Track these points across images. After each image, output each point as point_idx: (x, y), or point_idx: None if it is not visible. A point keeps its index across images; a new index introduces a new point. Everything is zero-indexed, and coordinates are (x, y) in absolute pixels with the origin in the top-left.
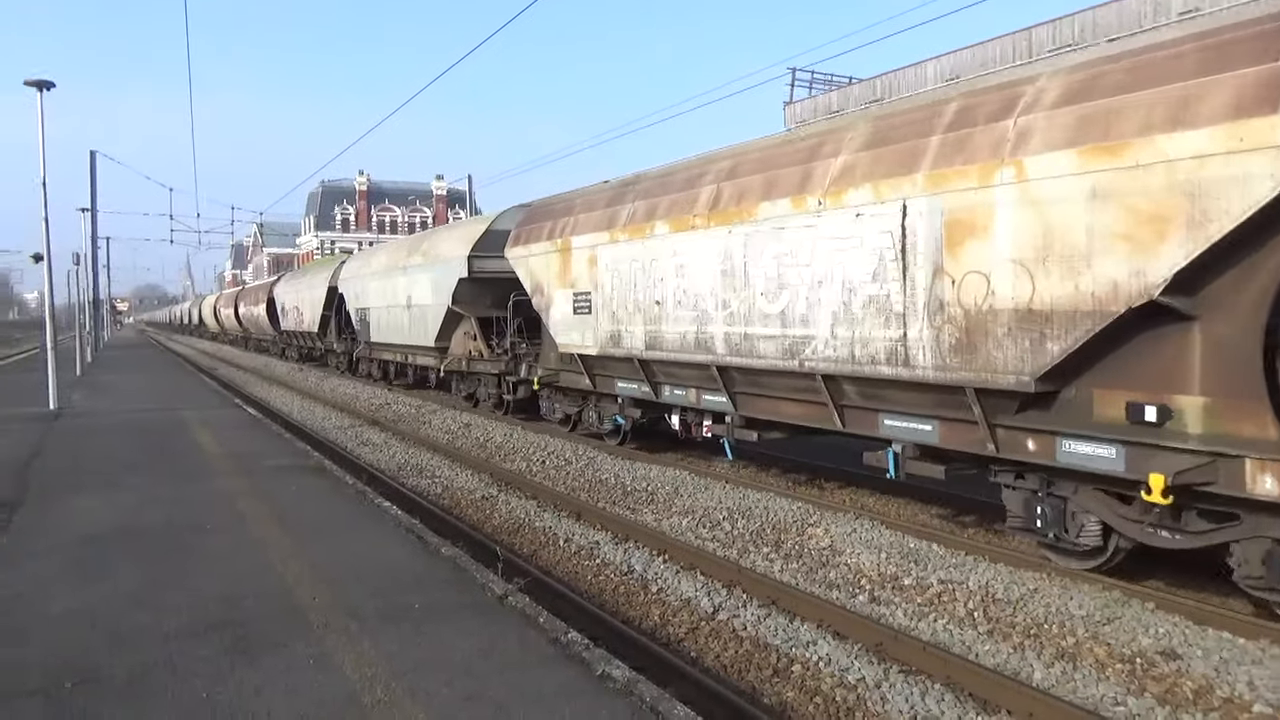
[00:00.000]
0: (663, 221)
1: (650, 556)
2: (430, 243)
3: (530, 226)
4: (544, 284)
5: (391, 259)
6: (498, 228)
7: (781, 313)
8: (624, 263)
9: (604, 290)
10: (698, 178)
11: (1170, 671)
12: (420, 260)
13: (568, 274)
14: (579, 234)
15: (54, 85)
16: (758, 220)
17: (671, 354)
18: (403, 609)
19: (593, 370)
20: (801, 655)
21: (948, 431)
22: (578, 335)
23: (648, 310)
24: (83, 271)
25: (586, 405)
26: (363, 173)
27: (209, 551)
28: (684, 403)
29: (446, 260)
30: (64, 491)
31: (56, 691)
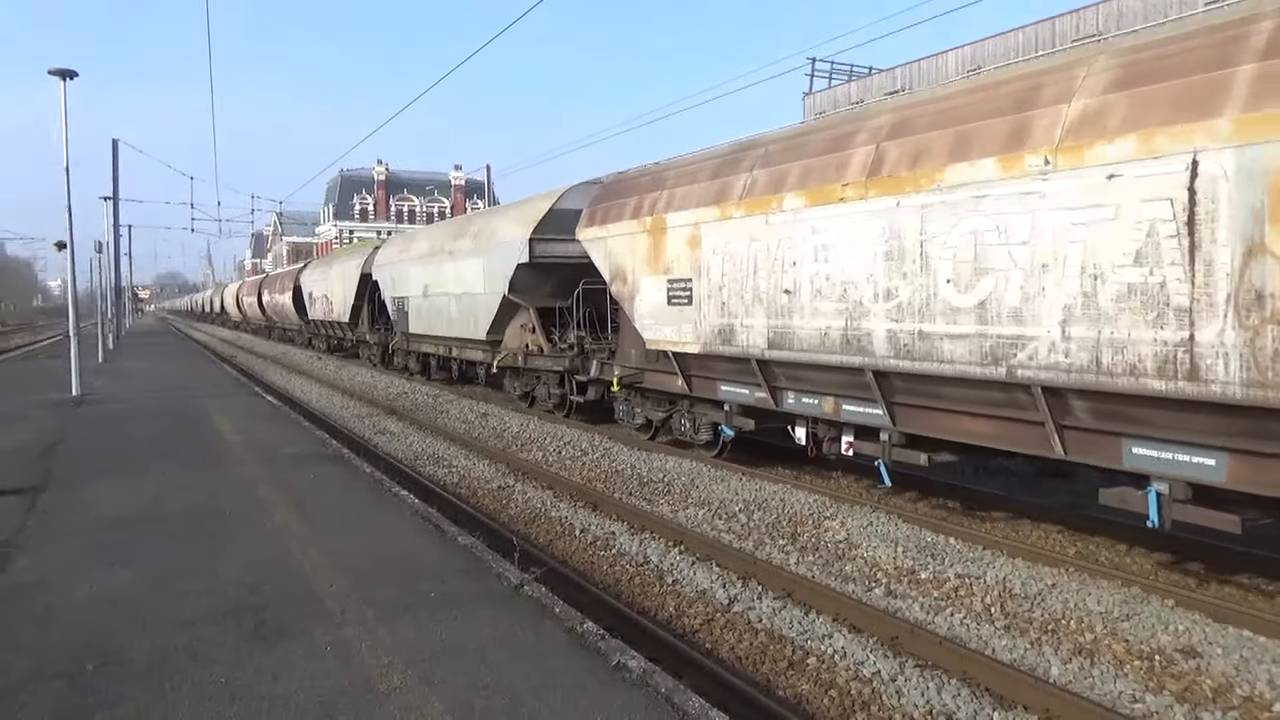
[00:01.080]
0: (795, 194)
1: (666, 547)
2: (482, 224)
3: (608, 204)
4: (626, 270)
5: (435, 243)
6: (563, 206)
7: (979, 306)
8: (739, 244)
9: (710, 277)
10: (845, 138)
11: (1189, 669)
12: (470, 244)
13: (659, 258)
14: (675, 210)
15: (76, 74)
16: (943, 188)
17: (806, 354)
18: (419, 597)
19: (689, 371)
20: (817, 648)
21: (1243, 468)
22: (672, 329)
23: (772, 301)
24: (105, 259)
25: (676, 411)
26: (381, 162)
27: (229, 538)
28: (815, 413)
29: (502, 244)
30: (87, 477)
31: (79, 674)
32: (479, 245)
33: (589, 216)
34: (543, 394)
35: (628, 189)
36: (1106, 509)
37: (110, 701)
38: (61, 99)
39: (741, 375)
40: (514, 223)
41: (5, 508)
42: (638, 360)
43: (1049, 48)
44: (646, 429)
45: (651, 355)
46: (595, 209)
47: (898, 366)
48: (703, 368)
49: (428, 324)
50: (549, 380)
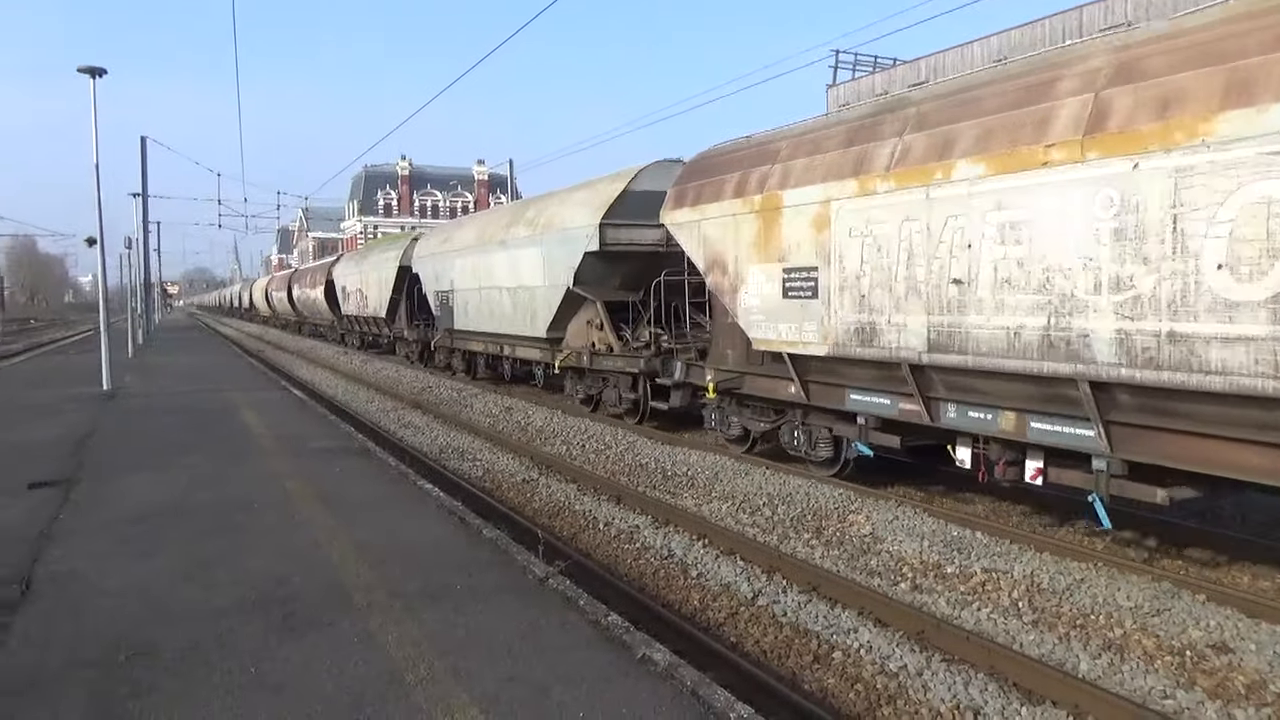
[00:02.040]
0: (971, 160)
1: (690, 541)
2: (541, 210)
3: (702, 182)
4: (727, 258)
5: (485, 232)
6: (639, 188)
7: (1273, 299)
8: (886, 224)
9: (843, 264)
10: (1042, 88)
11: (1221, 665)
12: (527, 232)
13: (772, 242)
14: (794, 187)
15: (105, 72)
16: (1211, 143)
17: (984, 359)
18: (445, 589)
19: (808, 375)
20: (842, 642)
21: None
22: (789, 327)
23: (934, 293)
24: (134, 255)
25: (785, 421)
26: (404, 157)
27: (257, 530)
28: (988, 431)
29: (567, 230)
30: (118, 470)
31: (112, 664)
32: (537, 233)
33: (677, 197)
34: (611, 398)
35: (726, 164)
36: (1133, 502)
37: (143, 690)
38: (91, 96)
39: (884, 383)
40: (580, 207)
41: (40, 499)
42: (736, 362)
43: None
44: (742, 441)
45: (755, 357)
46: (685, 188)
47: (1131, 378)
48: (827, 373)
49: (476, 320)
50: (620, 383)
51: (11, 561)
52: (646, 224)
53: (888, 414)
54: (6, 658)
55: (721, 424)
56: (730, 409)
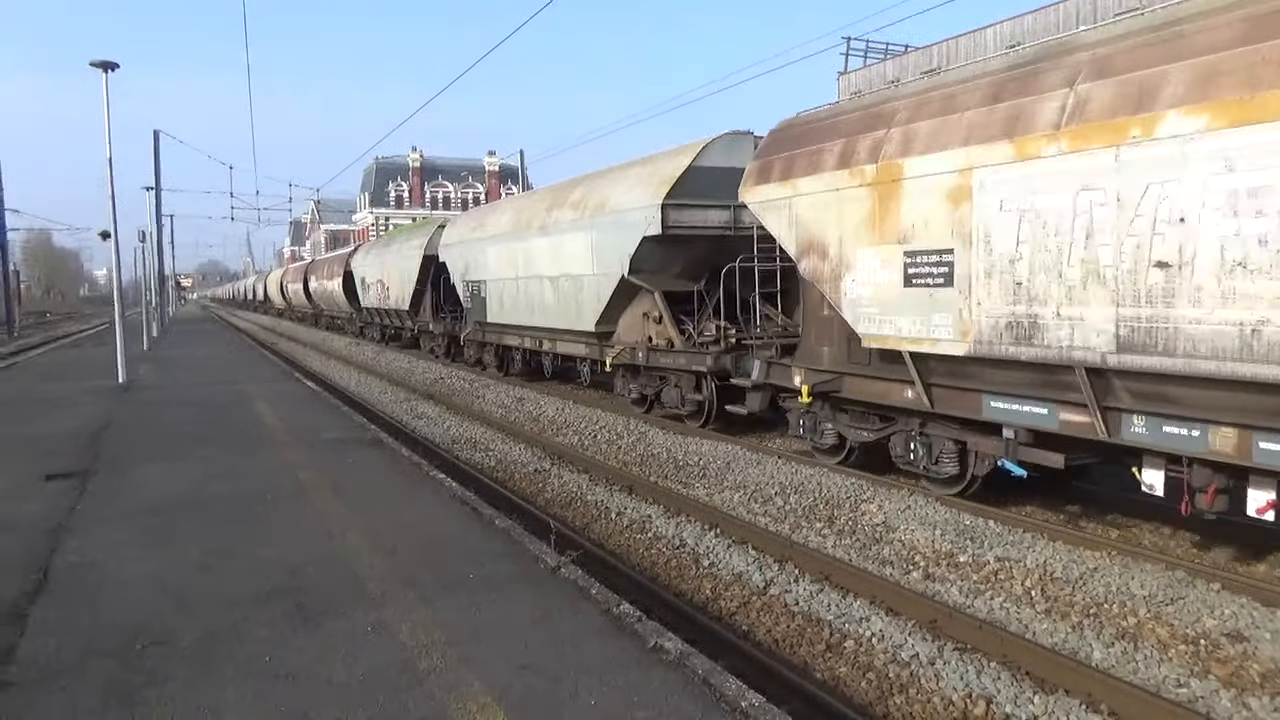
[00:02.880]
0: (1184, 111)
1: (702, 531)
2: (589, 190)
3: (794, 153)
4: (826, 240)
5: (522, 216)
6: (706, 164)
7: None
8: (1054, 194)
9: (989, 245)
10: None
11: (1236, 654)
12: (573, 216)
13: (889, 221)
14: (920, 153)
15: (118, 66)
16: None
17: (1203, 362)
18: (458, 579)
19: (934, 378)
20: (854, 631)
21: None
22: (912, 320)
23: (1127, 279)
24: (148, 248)
25: (899, 431)
26: (415, 149)
27: (271, 521)
28: (1196, 451)
29: (621, 213)
30: (133, 462)
31: (128, 652)
32: (585, 217)
33: (761, 171)
34: (671, 399)
35: (823, 130)
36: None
37: (159, 679)
38: (103, 91)
39: (1041, 388)
40: (637, 186)
41: (57, 490)
42: (834, 361)
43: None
44: (836, 451)
45: (859, 355)
46: (771, 160)
47: None
48: (960, 375)
49: (511, 312)
50: (682, 383)
51: (30, 552)
52: (713, 204)
53: (1043, 426)
54: (25, 647)
55: (812, 432)
56: (823, 415)
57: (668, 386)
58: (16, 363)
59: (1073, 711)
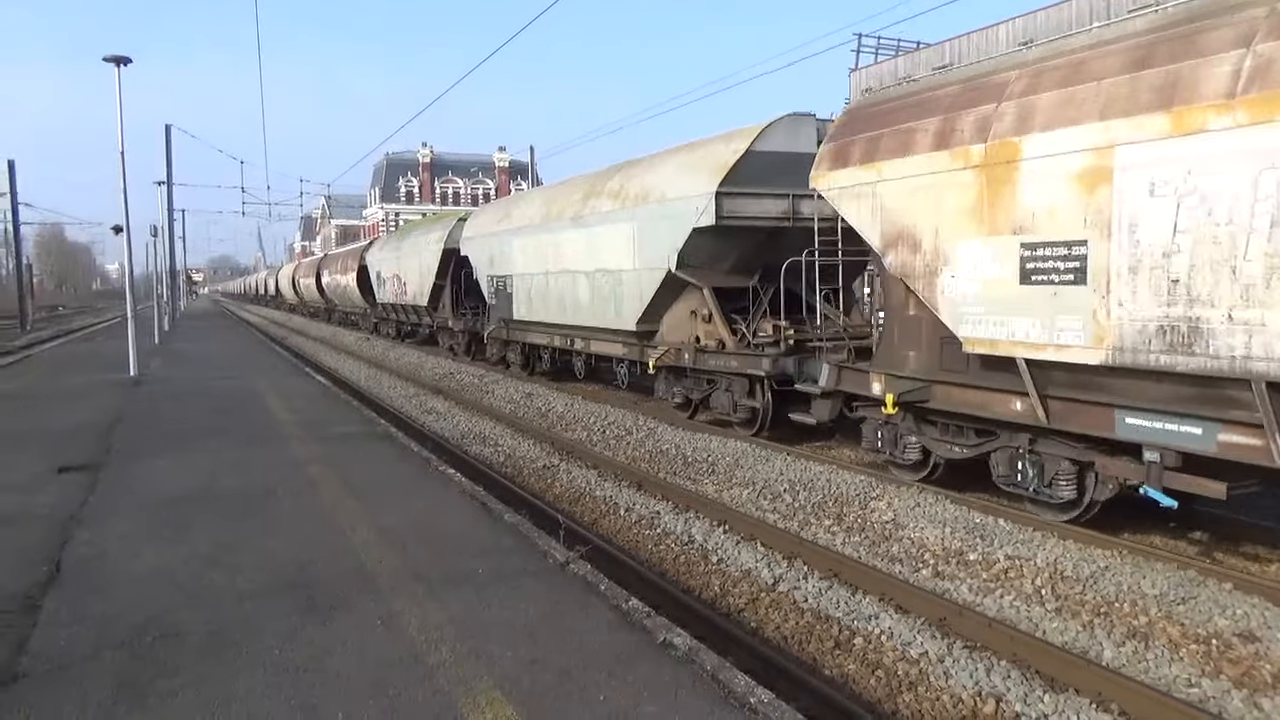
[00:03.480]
0: None
1: (711, 527)
2: (629, 178)
3: (877, 133)
4: (919, 230)
5: (553, 207)
6: (765, 148)
7: None
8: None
9: (1135, 235)
10: None
11: (1248, 654)
12: (611, 206)
13: (1002, 208)
14: (1043, 129)
15: (130, 61)
16: None
17: None
18: (467, 574)
19: (1054, 389)
20: (863, 628)
21: None
22: (1031, 323)
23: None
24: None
25: (1002, 447)
26: (425, 145)
27: (281, 515)
28: None
29: (668, 202)
30: (144, 455)
31: (139, 645)
32: (626, 206)
33: (837, 153)
34: (722, 404)
35: (915, 107)
36: None
37: (170, 671)
38: (116, 85)
39: (1198, 404)
40: (687, 173)
41: (69, 483)
42: (922, 366)
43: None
44: (919, 467)
45: (955, 360)
46: (849, 142)
47: None
48: (1090, 386)
49: (540, 309)
50: (734, 387)
51: (42, 543)
52: (771, 193)
53: (1195, 448)
54: (37, 638)
55: (892, 445)
56: (905, 427)
57: (717, 390)
58: (29, 356)
59: (1083, 710)
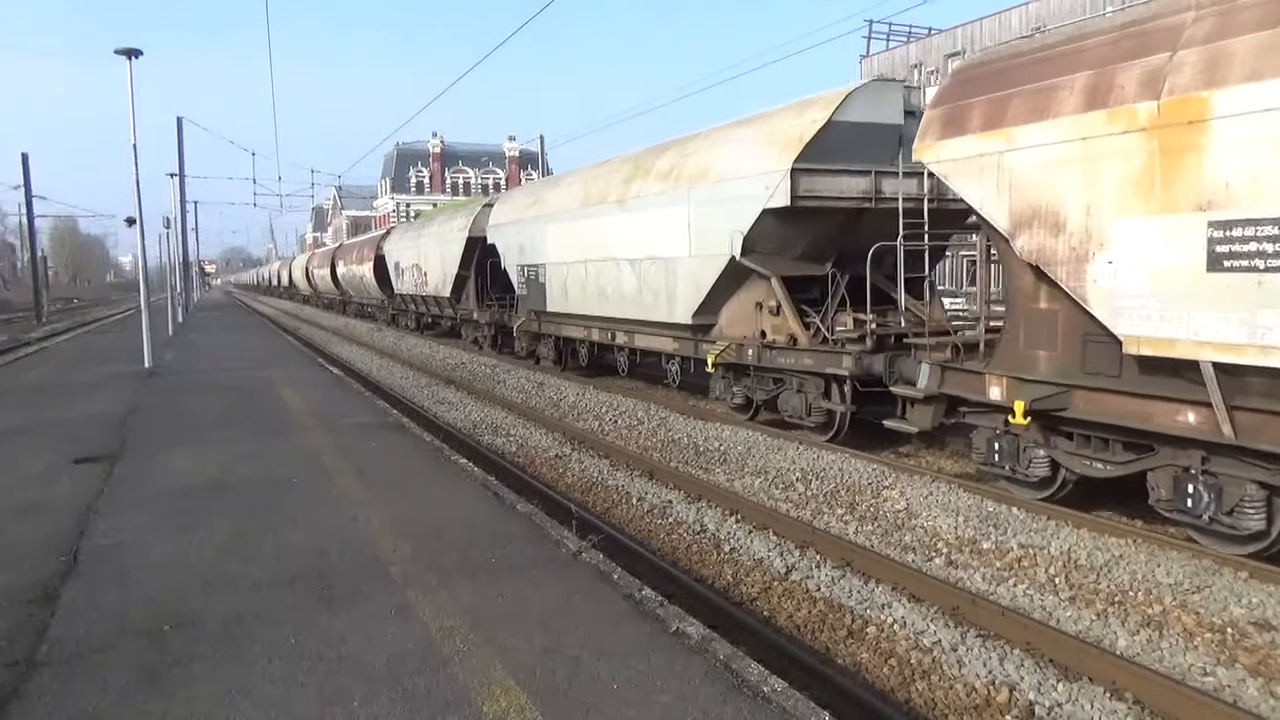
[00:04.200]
0: None
1: (723, 516)
2: (683, 156)
3: (1005, 94)
4: (1063, 206)
5: (592, 190)
6: (847, 118)
7: None
8: None
9: None
10: None
11: (1264, 643)
12: (660, 187)
13: (1179, 179)
14: (1240, 82)
15: (142, 53)
16: None
17: None
18: (480, 563)
19: (1247, 399)
20: (876, 617)
21: None
22: (1224, 319)
23: None
24: (172, 235)
25: (1165, 466)
26: (436, 135)
27: (295, 505)
28: None
29: (730, 181)
30: (159, 446)
31: (157, 634)
32: (679, 187)
33: (948, 119)
34: (793, 407)
35: (1055, 61)
36: None
37: (187, 659)
38: (128, 77)
39: None
40: (754, 148)
41: (86, 474)
42: (1057, 368)
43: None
44: (1046, 485)
45: (1104, 362)
46: (965, 105)
47: None
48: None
49: (578, 301)
50: (808, 387)
51: (60, 534)
52: (853, 169)
53: None
54: (56, 627)
55: (1012, 459)
56: (1030, 437)
57: (787, 391)
58: (45, 348)
59: (1097, 699)
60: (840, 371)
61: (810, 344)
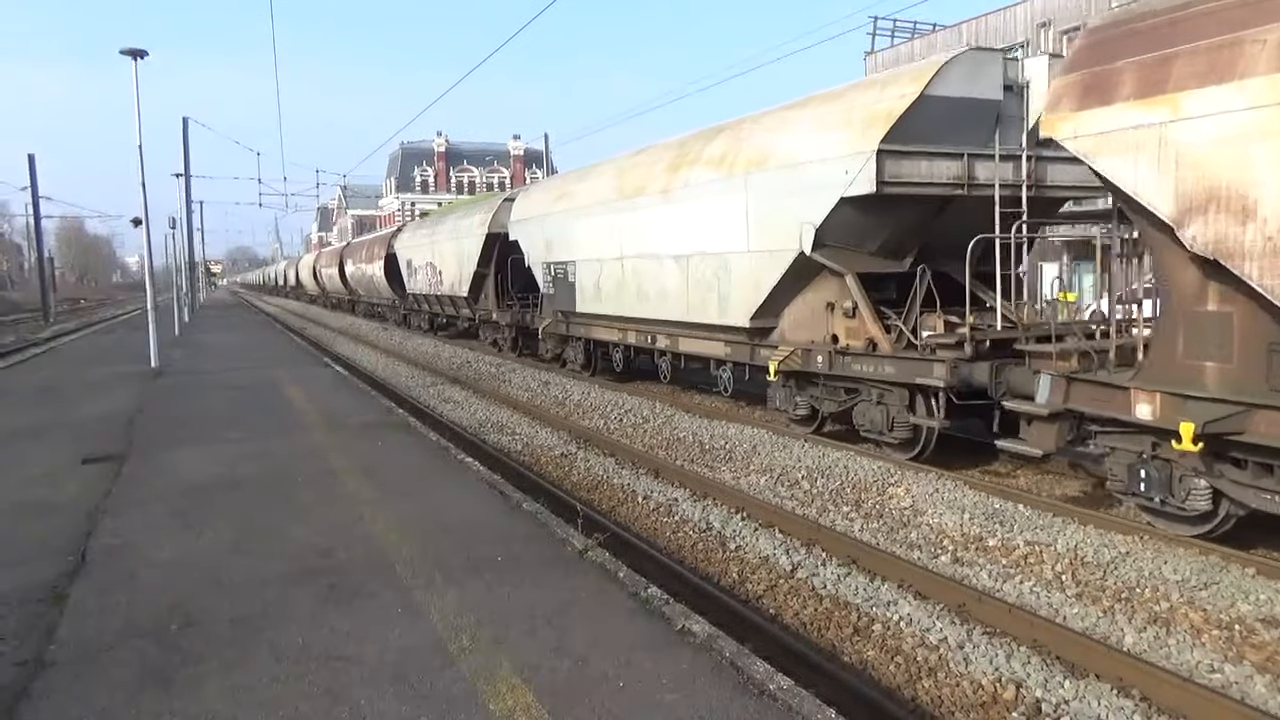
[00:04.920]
0: None
1: (728, 514)
2: (739, 140)
3: (1165, 54)
4: (1252, 189)
5: (628, 180)
6: (941, 92)
7: None
8: None
9: None
10: None
11: (1271, 639)
12: (713, 175)
13: None
14: None
15: (147, 54)
16: None
17: None
18: (486, 562)
19: None
20: (882, 615)
21: None
22: None
23: None
24: (178, 235)
25: None
26: (440, 134)
27: (301, 504)
28: None
29: (799, 166)
30: (166, 445)
31: (165, 633)
32: (735, 174)
33: (1089, 87)
34: (872, 420)
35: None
36: None
37: (195, 659)
38: (133, 78)
39: None
40: (830, 127)
41: (94, 474)
42: (1230, 384)
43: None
44: (1204, 520)
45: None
46: (1112, 70)
47: None
48: None
49: (612, 300)
50: (889, 400)
51: (68, 534)
52: (945, 151)
53: None
54: (65, 627)
55: (1162, 489)
56: (1188, 464)
57: (864, 404)
58: (53, 348)
59: (1103, 696)
60: (932, 382)
61: (894, 350)
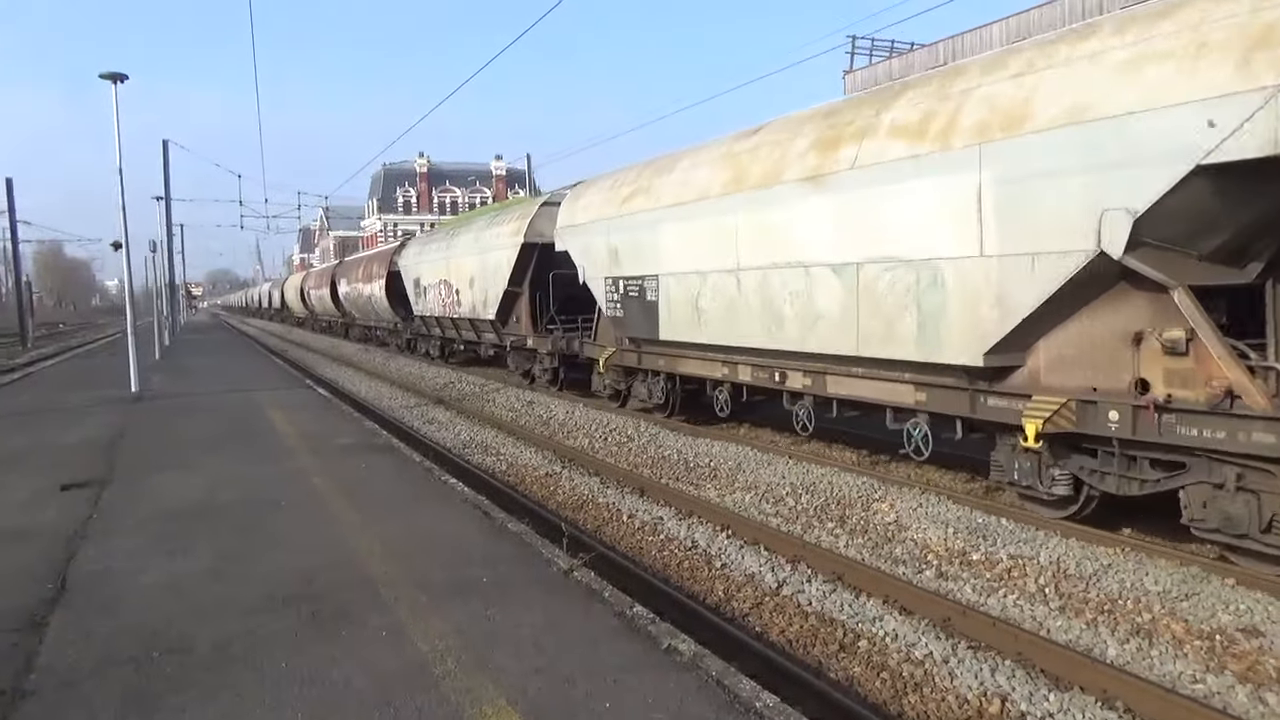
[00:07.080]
0: None
1: (714, 532)
2: (946, 96)
3: None
4: None
5: (749, 165)
6: None
7: None
8: None
9: None
10: None
11: (1252, 649)
12: (908, 147)
13: None
14: None
15: (127, 78)
16: None
17: None
18: (471, 583)
19: None
20: (868, 630)
21: None
22: None
23: None
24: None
25: None
26: (423, 155)
27: (284, 527)
28: None
29: (1097, 124)
30: (147, 470)
31: (146, 661)
32: (953, 145)
33: None
34: (1225, 515)
35: None
36: None
37: (177, 687)
38: (113, 102)
39: None
40: (1167, 58)
41: (73, 500)
42: None
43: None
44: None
45: None
46: None
47: None
48: None
49: (720, 326)
50: (1252, 482)
51: (48, 560)
52: None
53: None
54: (44, 655)
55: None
56: None
57: (1201, 487)
58: (31, 373)
59: (1088, 708)
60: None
61: (1274, 406)
